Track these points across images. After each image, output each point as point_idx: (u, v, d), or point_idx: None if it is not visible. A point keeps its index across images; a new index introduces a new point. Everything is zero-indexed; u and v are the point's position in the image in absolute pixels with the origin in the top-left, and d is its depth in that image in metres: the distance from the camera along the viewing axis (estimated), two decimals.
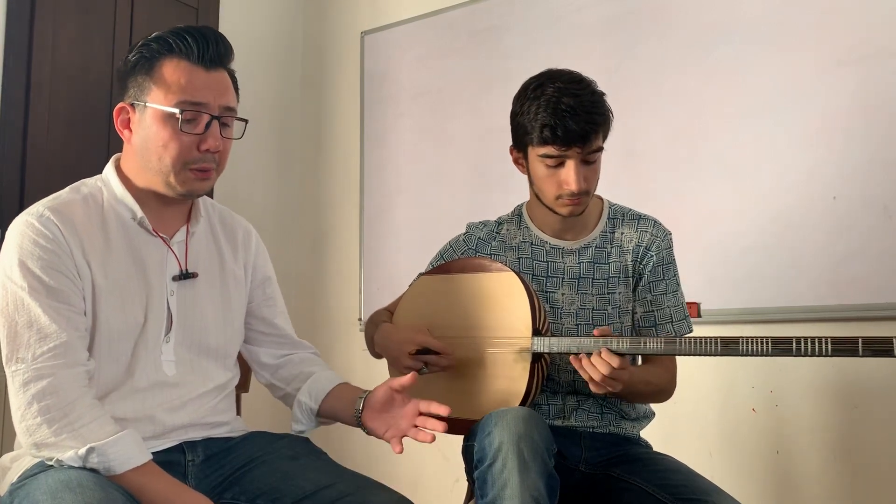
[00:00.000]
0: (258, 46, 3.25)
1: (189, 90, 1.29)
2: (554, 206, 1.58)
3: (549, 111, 1.49)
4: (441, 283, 1.66)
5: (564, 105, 1.49)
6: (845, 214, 2.21)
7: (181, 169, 1.30)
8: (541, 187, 1.59)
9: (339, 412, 1.49)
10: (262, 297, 1.54)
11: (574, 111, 1.48)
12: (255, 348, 1.56)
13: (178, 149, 1.29)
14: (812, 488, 2.25)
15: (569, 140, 1.49)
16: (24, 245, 1.23)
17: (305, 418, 1.51)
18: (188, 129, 1.29)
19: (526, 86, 1.58)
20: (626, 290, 1.64)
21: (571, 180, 1.52)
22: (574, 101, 1.49)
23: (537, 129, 1.51)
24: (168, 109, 1.28)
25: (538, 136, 1.51)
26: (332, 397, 1.50)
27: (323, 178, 3.33)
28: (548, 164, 1.53)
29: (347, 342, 3.16)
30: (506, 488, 1.29)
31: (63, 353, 1.20)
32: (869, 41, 2.22)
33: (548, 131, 1.49)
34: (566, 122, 1.48)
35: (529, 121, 1.53)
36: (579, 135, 1.49)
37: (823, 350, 1.31)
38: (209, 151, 1.31)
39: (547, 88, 1.52)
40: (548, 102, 1.50)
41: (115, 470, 1.17)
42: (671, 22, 2.53)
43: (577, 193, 1.53)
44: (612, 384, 1.42)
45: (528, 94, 1.55)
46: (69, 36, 2.54)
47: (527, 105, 1.54)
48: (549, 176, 1.55)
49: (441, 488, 2.80)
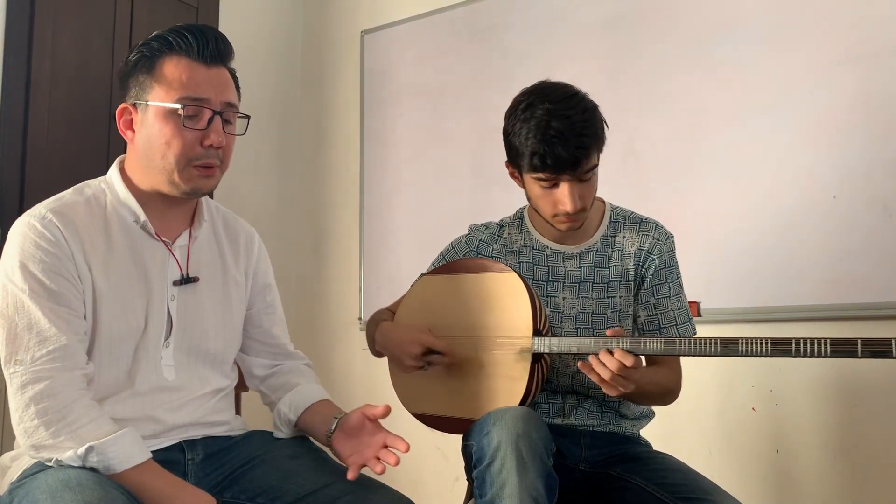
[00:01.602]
0: (258, 45, 3.25)
1: (190, 86, 1.29)
2: (552, 222, 1.58)
3: (539, 138, 1.46)
4: (443, 282, 1.66)
5: (553, 131, 1.45)
6: (845, 213, 2.21)
7: (185, 166, 1.30)
8: (537, 205, 1.58)
9: (313, 428, 1.45)
10: (261, 304, 1.53)
11: (564, 137, 1.45)
12: (250, 358, 1.54)
13: (181, 145, 1.29)
14: (812, 487, 2.25)
15: (559, 167, 1.47)
16: (25, 247, 1.23)
17: (284, 427, 1.49)
18: (190, 124, 1.29)
19: (517, 103, 1.55)
20: (626, 294, 1.63)
21: (566, 202, 1.50)
22: (563, 125, 1.45)
23: (527, 155, 1.49)
24: (170, 105, 1.28)
25: (528, 163, 1.49)
26: (311, 412, 1.46)
27: (323, 177, 3.33)
28: (542, 185, 1.52)
29: (347, 342, 3.16)
30: (504, 488, 1.29)
31: (62, 357, 1.20)
32: (868, 40, 2.22)
33: (537, 160, 1.47)
34: (555, 149, 1.45)
35: (520, 144, 1.50)
36: (570, 161, 1.47)
37: (822, 351, 1.31)
38: (212, 147, 1.31)
39: (536, 110, 1.49)
40: (537, 127, 1.47)
41: (114, 469, 1.17)
42: (671, 21, 2.53)
43: (573, 213, 1.52)
44: (625, 384, 1.40)
45: (518, 114, 1.52)
46: (69, 35, 2.54)
47: (517, 126, 1.51)
48: (543, 196, 1.54)
49: (441, 487, 2.80)
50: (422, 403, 1.63)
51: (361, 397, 2.86)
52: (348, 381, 3.09)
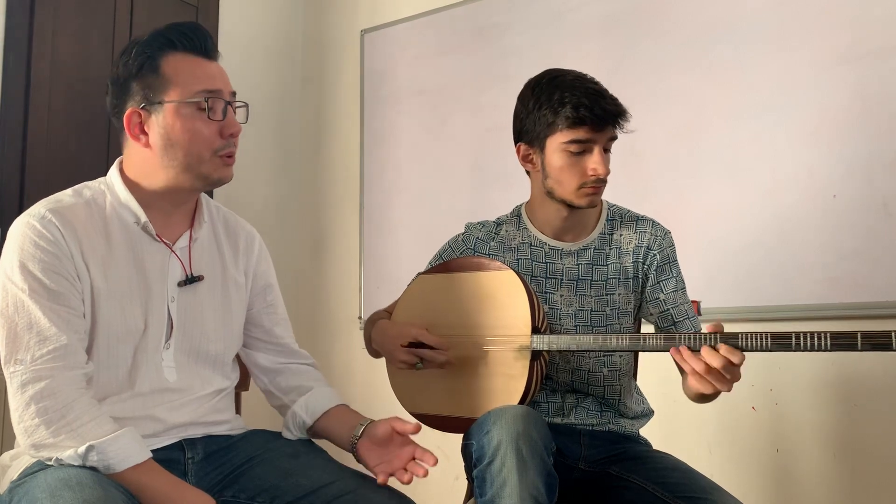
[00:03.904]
0: (258, 44, 3.26)
1: (205, 80, 1.33)
2: (574, 197, 1.56)
3: (580, 93, 1.50)
4: (440, 281, 1.66)
5: (592, 88, 1.50)
6: (845, 212, 2.21)
7: (211, 157, 1.33)
8: (560, 178, 1.56)
9: (334, 434, 1.47)
10: (262, 304, 1.53)
11: (602, 94, 1.51)
12: (254, 353, 1.55)
13: (208, 137, 1.32)
14: (811, 486, 2.25)
15: (604, 119, 1.50)
16: (24, 247, 1.23)
17: (296, 429, 1.49)
18: (212, 116, 1.32)
19: (535, 82, 1.58)
20: (625, 291, 1.63)
21: (599, 165, 1.51)
22: (597, 87, 1.52)
23: (569, 111, 1.49)
24: (192, 100, 1.31)
25: (572, 117, 1.49)
26: (330, 417, 1.47)
27: (323, 176, 3.34)
28: (572, 150, 1.52)
29: (347, 341, 3.16)
30: (505, 487, 1.29)
31: (62, 356, 1.20)
32: (868, 39, 2.22)
33: (584, 110, 1.48)
34: (600, 101, 1.49)
35: (554, 108, 1.51)
36: (614, 114, 1.51)
37: (823, 345, 1.31)
38: (232, 136, 1.35)
39: (565, 78, 1.53)
40: (573, 87, 1.50)
41: (114, 468, 1.17)
42: (671, 20, 2.53)
43: (603, 179, 1.54)
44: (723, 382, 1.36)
45: (542, 86, 1.55)
46: (69, 34, 2.54)
47: (545, 96, 1.53)
48: (571, 165, 1.53)
49: (441, 486, 2.80)
50: (421, 403, 1.63)
51: (362, 397, 2.86)
52: (348, 380, 3.09)
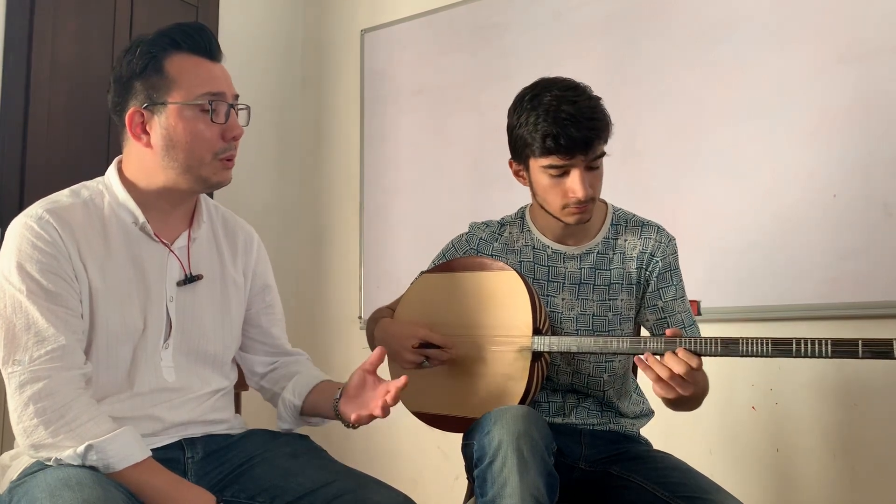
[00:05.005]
0: (258, 44, 3.25)
1: (209, 82, 1.32)
2: (560, 215, 1.56)
3: (550, 120, 1.47)
4: (442, 281, 1.66)
5: (564, 113, 1.46)
6: (845, 212, 2.21)
7: (212, 160, 1.33)
8: (545, 198, 1.56)
9: (321, 407, 1.47)
10: (261, 304, 1.54)
11: (575, 118, 1.46)
12: (250, 356, 1.56)
13: (209, 140, 1.31)
14: (812, 486, 2.25)
15: (572, 148, 1.47)
16: (22, 248, 1.23)
17: (290, 416, 1.50)
18: (214, 119, 1.32)
19: (521, 97, 1.56)
20: (628, 297, 1.63)
21: (578, 188, 1.49)
22: (573, 108, 1.47)
23: (538, 139, 1.48)
24: (195, 102, 1.30)
25: (540, 146, 1.48)
26: (315, 392, 1.49)
27: (323, 176, 3.33)
28: (551, 174, 1.51)
29: (347, 341, 3.16)
30: (505, 487, 1.29)
31: (60, 357, 1.20)
32: (869, 38, 2.22)
33: (550, 141, 1.47)
34: (568, 130, 1.46)
35: (529, 132, 1.50)
36: (583, 142, 1.47)
37: (823, 351, 1.31)
38: (234, 139, 1.34)
39: (544, 97, 1.50)
40: (546, 111, 1.48)
41: (114, 467, 1.17)
42: (671, 19, 2.53)
43: (584, 201, 1.51)
44: (685, 386, 1.37)
45: (525, 104, 1.53)
46: (69, 34, 2.54)
47: (524, 116, 1.51)
48: (553, 186, 1.52)
49: (441, 486, 2.80)
50: (422, 402, 1.63)
51: None
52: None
